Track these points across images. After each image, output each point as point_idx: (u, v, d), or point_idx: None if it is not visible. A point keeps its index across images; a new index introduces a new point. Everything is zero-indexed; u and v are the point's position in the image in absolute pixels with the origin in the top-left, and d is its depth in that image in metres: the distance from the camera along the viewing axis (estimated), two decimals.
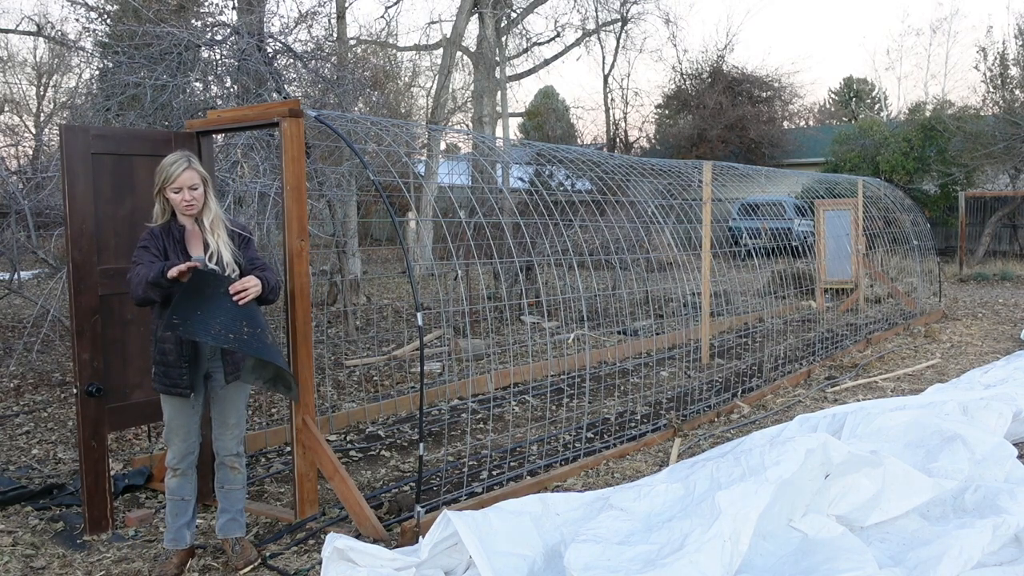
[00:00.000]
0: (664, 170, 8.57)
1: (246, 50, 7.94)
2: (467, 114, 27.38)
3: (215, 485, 4.01)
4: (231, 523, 3.96)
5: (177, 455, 3.82)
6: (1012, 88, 20.79)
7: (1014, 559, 3.57)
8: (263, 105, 4.95)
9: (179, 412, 3.79)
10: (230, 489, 3.95)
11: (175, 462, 3.83)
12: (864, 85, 44.29)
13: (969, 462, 4.35)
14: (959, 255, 19.48)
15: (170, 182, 3.63)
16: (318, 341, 9.18)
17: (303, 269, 4.44)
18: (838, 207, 12.50)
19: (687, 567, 3.15)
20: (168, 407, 3.80)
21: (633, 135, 33.37)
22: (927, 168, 23.04)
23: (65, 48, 19.48)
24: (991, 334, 10.63)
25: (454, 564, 3.47)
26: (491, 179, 10.59)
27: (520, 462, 5.49)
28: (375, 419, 6.69)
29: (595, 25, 28.64)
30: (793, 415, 6.34)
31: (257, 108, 4.70)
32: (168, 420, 3.82)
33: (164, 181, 3.64)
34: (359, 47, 21.02)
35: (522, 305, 11.38)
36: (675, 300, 11.88)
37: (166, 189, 3.65)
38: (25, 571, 3.89)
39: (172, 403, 3.78)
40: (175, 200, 3.67)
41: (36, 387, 7.76)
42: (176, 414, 3.80)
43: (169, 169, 3.63)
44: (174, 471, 3.84)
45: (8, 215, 8.15)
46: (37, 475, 5.28)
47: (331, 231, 10.39)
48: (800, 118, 37.53)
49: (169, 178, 3.63)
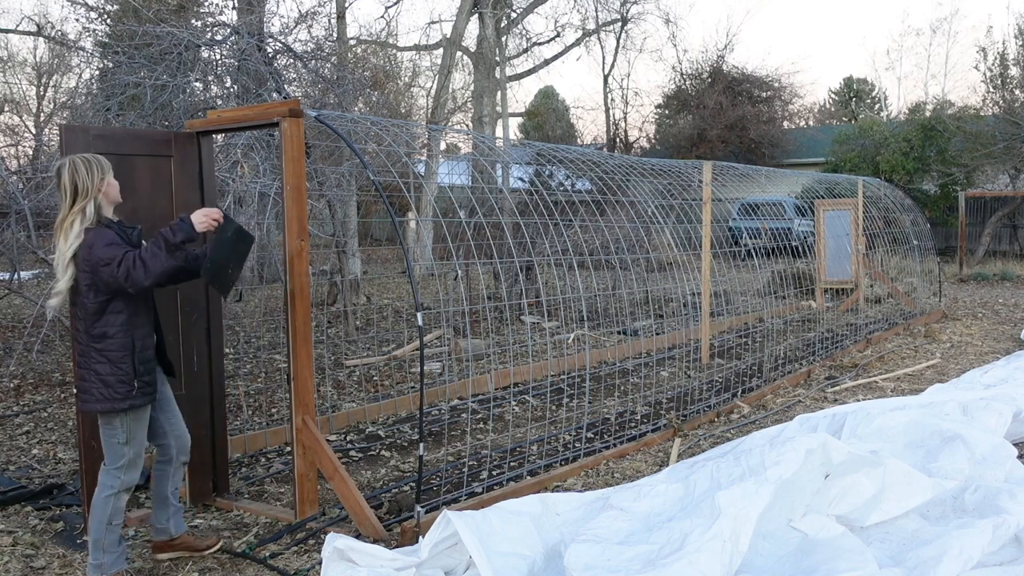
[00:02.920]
0: (664, 170, 8.57)
1: (246, 50, 7.94)
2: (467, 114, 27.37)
3: (168, 489, 3.95)
4: (183, 518, 4.08)
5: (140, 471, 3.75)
6: (1012, 88, 20.79)
7: (1014, 559, 3.57)
8: (263, 105, 4.95)
9: (145, 423, 3.71)
10: (178, 485, 4.04)
11: (138, 479, 3.74)
12: (864, 85, 44.31)
13: (969, 462, 4.35)
14: (959, 255, 19.47)
15: (108, 172, 3.59)
16: (318, 341, 9.18)
17: (303, 269, 4.44)
18: (838, 207, 12.50)
19: (687, 567, 3.15)
20: (140, 422, 3.66)
21: (633, 135, 33.40)
22: (927, 168, 23.03)
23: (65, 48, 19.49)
24: (991, 334, 10.63)
25: (454, 564, 3.47)
26: (491, 179, 10.59)
27: (520, 462, 5.49)
28: (375, 419, 6.69)
29: (595, 25, 28.67)
30: (793, 415, 6.34)
31: (257, 108, 4.70)
32: (138, 438, 3.65)
33: (103, 174, 3.57)
34: (359, 47, 21.02)
35: (522, 305, 11.38)
36: (675, 300, 11.88)
37: (105, 183, 3.57)
38: (25, 571, 3.89)
39: (144, 415, 3.67)
40: (115, 188, 3.63)
41: (36, 387, 7.76)
42: (143, 426, 3.69)
43: (103, 163, 3.59)
44: (131, 490, 3.71)
45: (8, 215, 8.15)
46: (37, 475, 5.28)
47: (331, 231, 10.40)
48: (800, 118, 37.56)
49: (106, 170, 3.59)
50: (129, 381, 3.55)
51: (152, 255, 3.43)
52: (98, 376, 3.53)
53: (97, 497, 3.65)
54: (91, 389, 3.55)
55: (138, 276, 3.41)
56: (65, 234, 3.48)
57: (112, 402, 3.54)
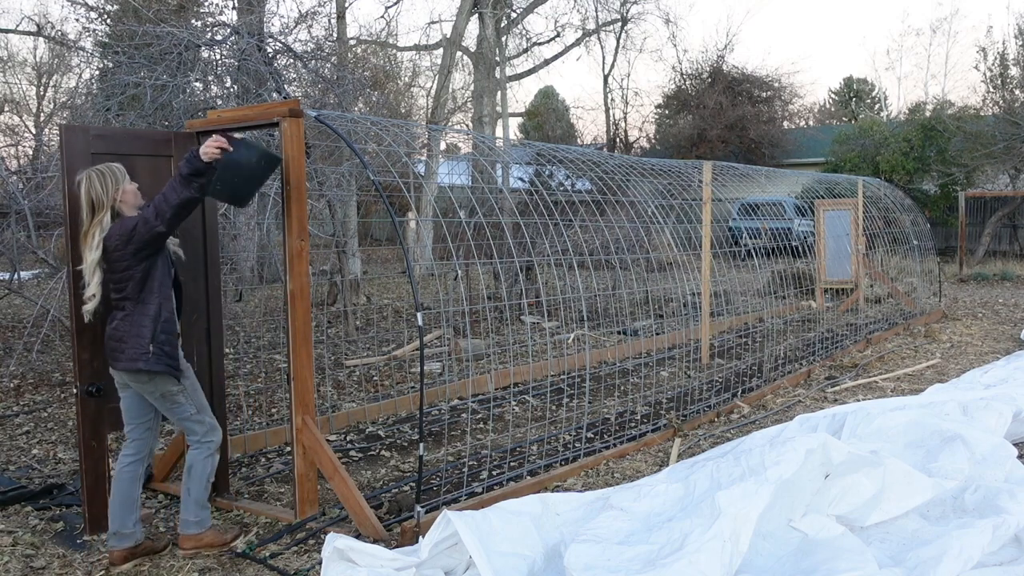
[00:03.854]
0: (664, 170, 8.57)
1: (246, 50, 7.94)
2: (467, 114, 27.37)
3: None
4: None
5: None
6: (1012, 88, 20.79)
7: (1014, 559, 3.57)
8: (263, 105, 4.95)
9: (200, 389, 4.15)
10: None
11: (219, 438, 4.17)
12: (864, 85, 44.32)
13: (969, 462, 4.35)
14: (959, 255, 19.47)
15: (125, 180, 3.91)
16: (318, 341, 9.18)
17: (303, 269, 4.44)
18: (838, 207, 12.50)
19: (687, 567, 3.15)
20: (196, 388, 4.10)
21: (633, 135, 33.40)
22: (927, 168, 23.03)
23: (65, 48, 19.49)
24: (991, 334, 10.63)
25: (454, 564, 3.47)
26: (491, 179, 10.59)
27: (520, 462, 5.49)
28: (375, 419, 6.69)
29: (595, 25, 28.66)
30: (793, 415, 6.34)
31: (257, 108, 4.70)
32: (202, 402, 4.11)
33: (118, 184, 3.87)
34: (359, 47, 21.02)
35: (522, 305, 11.38)
36: (675, 300, 11.88)
37: (120, 191, 3.87)
38: (25, 571, 3.89)
39: (195, 381, 4.13)
40: (132, 193, 3.92)
41: (36, 387, 7.76)
42: (200, 391, 4.15)
43: (117, 173, 3.89)
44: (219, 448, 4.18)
45: (8, 215, 8.15)
46: (37, 475, 5.28)
47: (331, 231, 10.40)
48: (800, 118, 37.54)
49: (120, 179, 3.89)
50: (166, 347, 3.88)
51: (170, 190, 3.80)
52: (147, 340, 3.87)
53: (196, 459, 4.04)
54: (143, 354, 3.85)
55: (163, 209, 3.77)
56: (88, 245, 3.83)
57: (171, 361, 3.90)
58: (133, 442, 4.01)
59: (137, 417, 4.01)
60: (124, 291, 3.83)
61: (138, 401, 3.98)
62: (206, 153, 3.80)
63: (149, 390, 3.89)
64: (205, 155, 3.80)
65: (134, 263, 3.79)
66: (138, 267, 3.80)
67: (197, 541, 4.05)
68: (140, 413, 4.00)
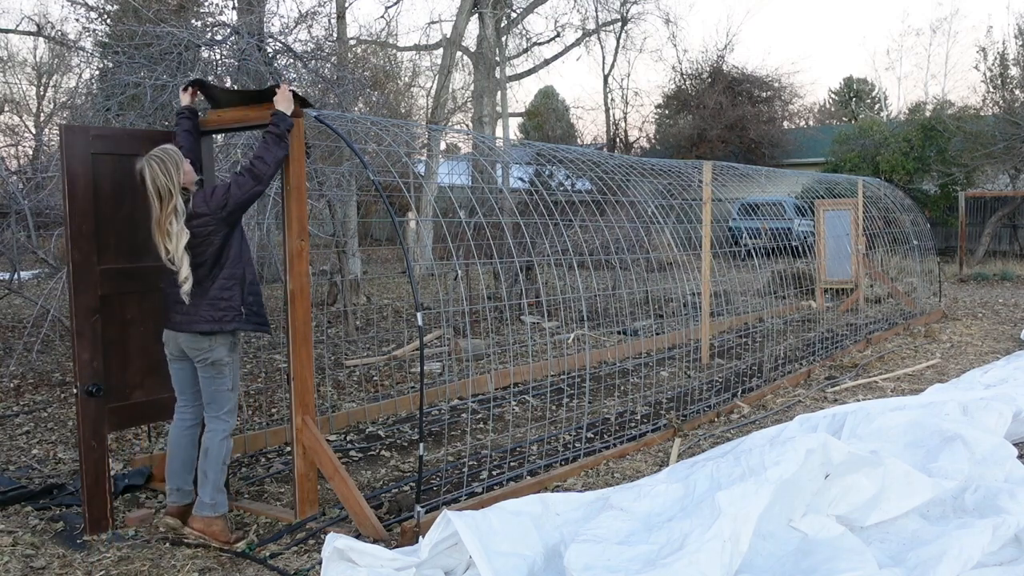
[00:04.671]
0: (664, 170, 8.57)
1: (246, 50, 7.94)
2: (467, 114, 27.37)
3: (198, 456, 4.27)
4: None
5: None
6: (1012, 88, 20.79)
7: (1014, 559, 3.57)
8: (263, 105, 4.94)
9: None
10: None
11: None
12: (864, 85, 44.32)
13: (969, 462, 4.34)
14: (959, 255, 19.47)
15: (182, 162, 4.00)
16: (318, 341, 9.18)
17: (303, 269, 4.44)
18: (838, 207, 12.50)
19: (687, 567, 3.15)
20: (235, 356, 4.22)
21: (633, 135, 33.40)
22: (927, 168, 23.03)
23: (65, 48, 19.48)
24: (991, 334, 10.63)
25: (454, 564, 3.47)
26: (491, 179, 10.59)
27: (520, 462, 5.49)
28: (375, 419, 6.69)
29: (595, 25, 28.66)
30: (793, 415, 6.34)
31: (257, 108, 4.69)
32: (236, 375, 4.22)
33: (178, 168, 3.95)
34: (359, 47, 21.02)
35: (522, 305, 11.38)
36: (675, 300, 11.88)
37: (181, 173, 3.95)
38: (25, 571, 3.89)
39: (236, 351, 4.27)
40: (188, 172, 4.01)
41: (36, 387, 7.76)
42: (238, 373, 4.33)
43: (175, 157, 3.97)
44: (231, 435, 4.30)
45: (8, 215, 8.15)
46: (37, 475, 5.28)
47: (331, 231, 10.39)
48: (800, 118, 37.55)
49: (180, 161, 3.98)
50: (257, 308, 4.22)
51: (265, 149, 4.02)
52: (229, 304, 4.08)
53: (212, 441, 4.12)
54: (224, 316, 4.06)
55: (261, 169, 3.98)
56: (167, 234, 3.90)
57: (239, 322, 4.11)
58: (191, 407, 4.27)
59: (193, 385, 4.24)
60: (203, 257, 3.98)
61: (192, 370, 4.19)
62: (290, 108, 4.11)
63: (205, 355, 4.06)
64: (291, 110, 4.10)
65: (220, 228, 3.97)
66: (219, 234, 3.97)
67: (207, 525, 4.11)
68: (196, 380, 4.22)
